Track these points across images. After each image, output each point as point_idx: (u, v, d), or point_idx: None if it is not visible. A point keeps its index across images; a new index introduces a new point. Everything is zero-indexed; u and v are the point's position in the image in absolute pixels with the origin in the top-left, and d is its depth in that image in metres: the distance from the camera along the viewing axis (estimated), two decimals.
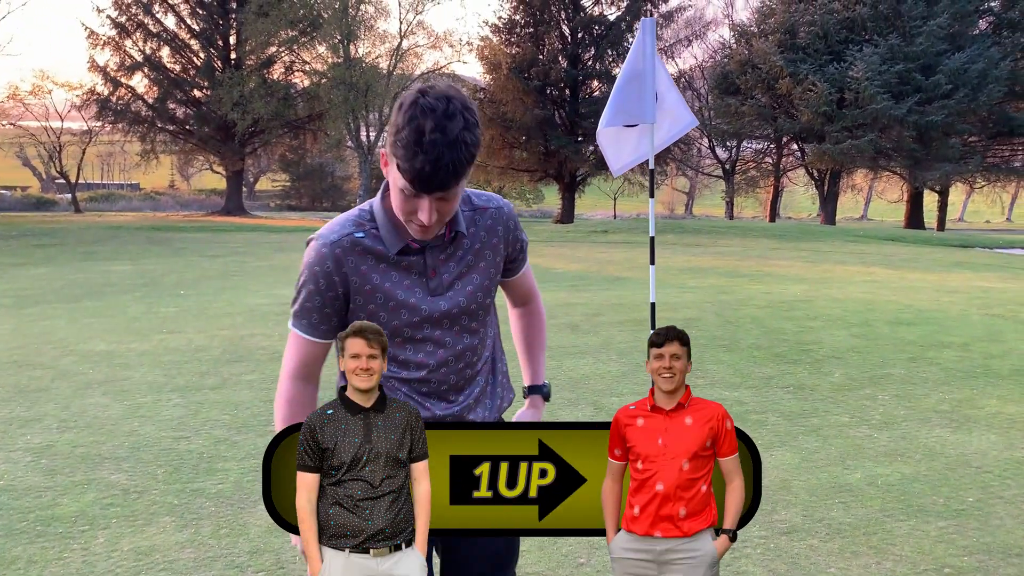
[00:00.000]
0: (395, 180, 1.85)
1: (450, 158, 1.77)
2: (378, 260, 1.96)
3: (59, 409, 5.65)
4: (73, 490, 4.31)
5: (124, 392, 6.04)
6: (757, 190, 46.51)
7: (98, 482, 4.41)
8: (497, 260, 2.11)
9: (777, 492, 4.29)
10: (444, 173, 1.78)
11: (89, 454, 4.82)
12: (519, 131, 34.84)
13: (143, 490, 4.33)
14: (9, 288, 11.82)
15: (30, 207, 47.83)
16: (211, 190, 58.09)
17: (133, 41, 35.99)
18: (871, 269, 14.40)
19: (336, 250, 1.94)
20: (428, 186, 1.78)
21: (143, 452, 4.86)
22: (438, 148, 1.76)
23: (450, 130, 1.77)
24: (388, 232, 1.96)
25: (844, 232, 26.10)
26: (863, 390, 6.14)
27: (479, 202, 2.10)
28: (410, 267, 1.98)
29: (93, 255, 16.80)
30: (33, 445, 4.96)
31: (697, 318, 8.59)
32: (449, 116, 1.78)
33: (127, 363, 6.89)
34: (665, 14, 37.08)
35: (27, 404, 5.77)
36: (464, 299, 2.03)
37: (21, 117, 44.26)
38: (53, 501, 4.18)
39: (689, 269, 14.26)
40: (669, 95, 3.42)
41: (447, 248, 2.01)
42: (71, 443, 5.00)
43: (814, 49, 33.31)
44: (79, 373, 6.57)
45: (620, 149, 3.60)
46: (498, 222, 2.10)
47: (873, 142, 31.78)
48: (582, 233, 23.93)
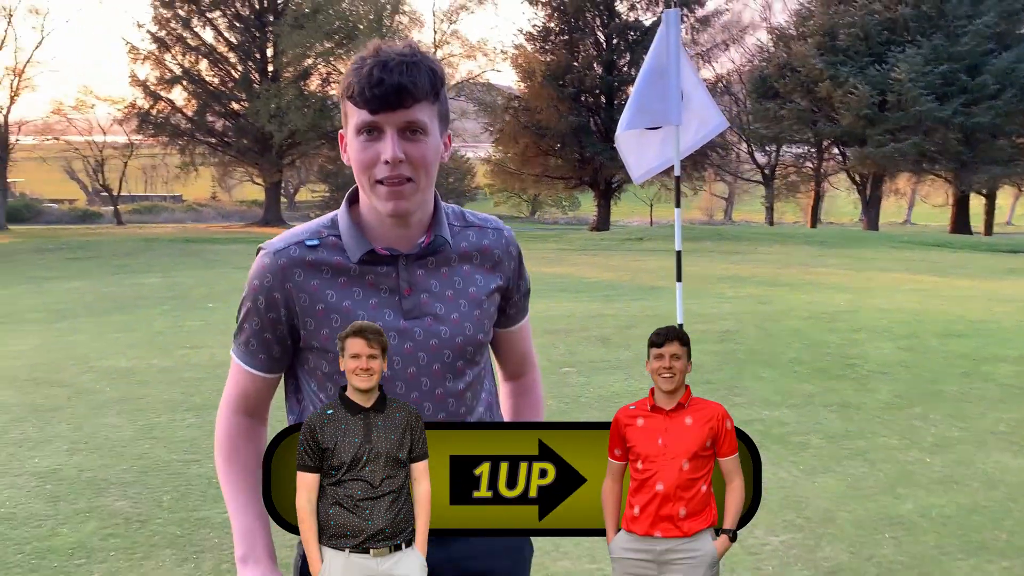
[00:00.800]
0: (351, 132, 1.57)
1: (408, 66, 1.52)
2: (336, 273, 1.61)
3: (71, 430, 5.50)
4: (74, 519, 4.13)
5: (139, 411, 5.88)
6: (797, 195, 45.67)
7: (101, 510, 4.23)
8: (492, 289, 1.72)
9: (821, 524, 3.96)
10: (401, 78, 1.50)
11: (95, 479, 4.65)
12: (554, 138, 34.59)
13: (146, 519, 4.13)
14: (41, 302, 11.83)
15: (76, 220, 48.68)
16: (252, 201, 58.62)
17: (172, 55, 36.42)
18: (918, 276, 13.87)
19: (280, 261, 1.59)
20: (384, 95, 1.50)
21: (151, 477, 4.67)
22: (391, 56, 1.52)
23: (405, 51, 1.55)
24: (351, 236, 1.61)
25: (888, 238, 25.40)
26: (913, 409, 5.76)
27: (473, 219, 1.77)
28: (378, 281, 1.61)
29: (126, 268, 16.85)
30: (40, 469, 4.80)
31: (735, 330, 8.23)
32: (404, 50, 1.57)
33: (146, 380, 6.74)
34: (701, 18, 36.62)
35: (40, 424, 5.63)
36: (449, 329, 1.64)
37: (65, 132, 45.07)
38: (52, 531, 4.00)
39: (727, 278, 13.85)
40: (696, 94, 3.11)
41: (427, 259, 1.65)
42: (78, 467, 4.83)
43: (855, 51, 32.58)
44: (96, 391, 6.43)
45: (643, 154, 3.29)
46: (496, 245, 1.75)
47: (917, 145, 30.96)
48: (616, 241, 23.57)
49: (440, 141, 1.62)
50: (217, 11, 36.60)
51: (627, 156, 3.32)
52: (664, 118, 3.07)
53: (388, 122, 1.52)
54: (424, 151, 1.55)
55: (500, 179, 41.18)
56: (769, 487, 4.42)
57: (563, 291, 12.27)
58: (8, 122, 36.28)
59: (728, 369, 6.78)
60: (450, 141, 1.69)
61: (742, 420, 5.50)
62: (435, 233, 1.64)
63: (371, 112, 1.51)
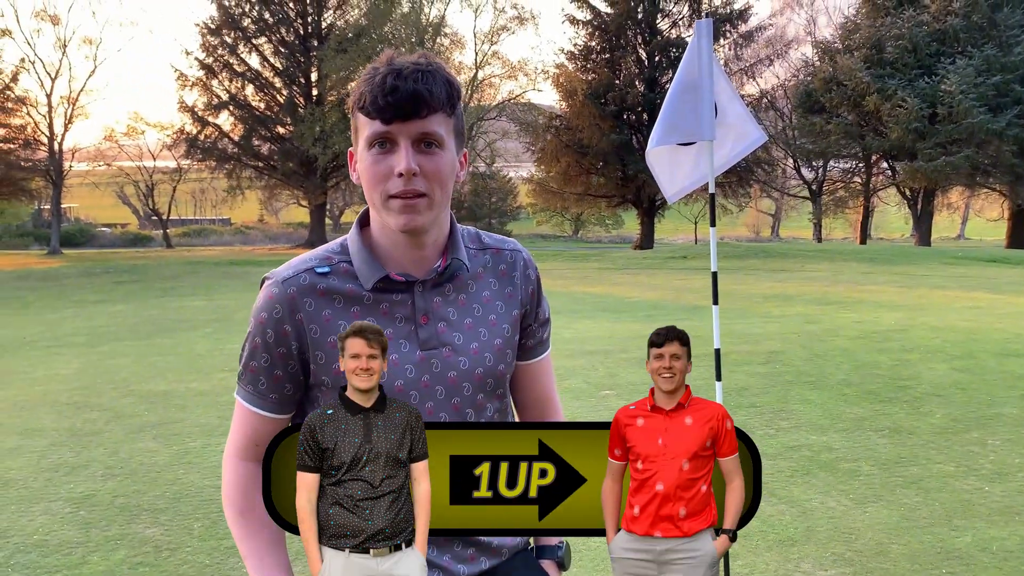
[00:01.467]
0: (361, 145, 1.48)
1: (423, 74, 1.44)
2: (348, 302, 1.50)
3: (107, 455, 5.49)
4: (105, 546, 4.09)
5: (175, 436, 5.86)
6: (846, 211, 44.85)
7: (131, 537, 4.18)
8: (514, 315, 1.61)
9: (872, 558, 3.75)
10: (416, 86, 1.41)
11: (128, 505, 4.61)
12: (596, 157, 34.49)
13: (176, 547, 4.08)
14: (85, 326, 11.99)
15: (128, 243, 49.79)
16: (298, 223, 59.39)
17: (219, 81, 37.10)
18: (973, 294, 13.42)
19: (289, 290, 1.49)
20: (398, 103, 1.41)
21: (183, 503, 4.62)
22: (406, 65, 1.45)
23: (420, 61, 1.47)
24: (363, 261, 1.51)
25: (941, 253, 24.74)
26: (969, 434, 5.49)
27: (490, 241, 1.66)
28: (392, 310, 1.51)
29: (171, 291, 17.07)
30: (75, 495, 4.79)
31: (781, 351, 7.99)
32: (419, 60, 1.49)
33: (184, 404, 6.74)
34: (745, 34, 36.34)
35: (77, 449, 5.63)
36: (468, 359, 1.55)
37: (117, 157, 46.15)
38: (82, 559, 3.96)
39: (774, 296, 13.56)
40: (731, 107, 2.97)
41: (443, 285, 1.55)
42: (113, 492, 4.80)
43: (903, 64, 31.96)
44: (134, 415, 6.44)
45: (675, 172, 3.15)
46: (514, 268, 1.64)
47: (969, 158, 30.19)
48: (660, 259, 23.30)
49: (456, 158, 1.52)
50: (263, 37, 37.26)
51: (659, 174, 3.18)
52: (697, 134, 2.94)
53: (402, 133, 1.43)
54: (439, 165, 1.46)
55: (542, 198, 41.15)
56: (817, 517, 4.23)
57: (604, 311, 12.11)
58: (63, 149, 37.22)
59: (774, 392, 6.56)
60: (466, 160, 1.58)
61: (788, 445, 5.31)
62: (452, 256, 1.54)
63: (384, 122, 1.43)
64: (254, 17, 36.31)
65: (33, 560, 3.95)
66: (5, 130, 35.97)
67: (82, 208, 67.94)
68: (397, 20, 37.76)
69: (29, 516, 4.48)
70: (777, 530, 4.08)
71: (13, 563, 3.92)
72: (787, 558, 3.78)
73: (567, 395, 6.61)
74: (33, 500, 4.71)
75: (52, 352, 9.74)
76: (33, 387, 7.61)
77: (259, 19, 36.31)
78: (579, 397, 6.56)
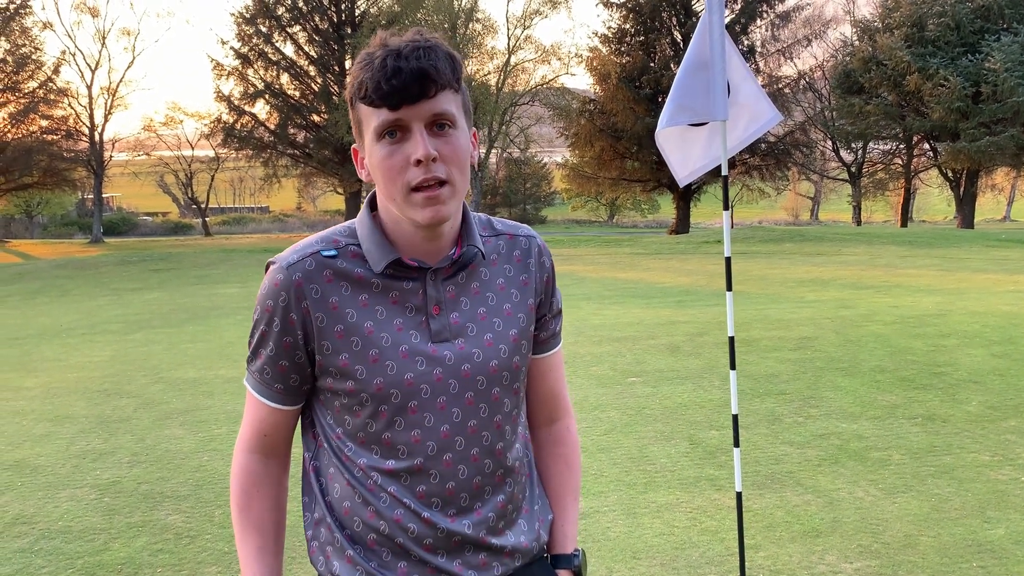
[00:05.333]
0: (369, 139, 1.36)
1: (424, 50, 1.31)
2: (357, 287, 1.40)
3: (134, 441, 5.54)
4: (127, 533, 4.12)
5: (201, 423, 5.90)
6: (886, 193, 44.03)
7: (153, 524, 4.21)
8: (528, 304, 1.51)
9: (901, 551, 3.64)
10: (420, 63, 1.29)
11: (152, 492, 4.65)
12: (630, 141, 34.10)
13: (196, 534, 4.09)
14: (120, 314, 12.16)
15: (168, 232, 50.63)
16: (335, 211, 59.88)
17: (255, 70, 37.37)
18: (1015, 277, 13.06)
19: (295, 275, 1.39)
20: (404, 85, 1.29)
21: (205, 490, 4.65)
22: (403, 44, 1.31)
23: (417, 38, 1.33)
24: (374, 244, 1.41)
25: (984, 236, 24.16)
26: (1007, 422, 5.32)
27: (502, 227, 1.56)
28: (403, 299, 1.41)
29: (205, 279, 17.26)
30: (101, 481, 4.84)
31: (814, 336, 7.84)
32: (415, 37, 1.35)
33: (211, 391, 6.79)
34: (782, 14, 35.61)
35: (105, 435, 5.70)
36: (482, 351, 1.45)
37: (156, 147, 46.83)
38: (104, 546, 3.99)
39: (809, 281, 13.34)
40: (745, 86, 2.85)
41: (457, 274, 1.45)
42: (137, 479, 4.85)
43: (945, 41, 31.17)
44: (162, 402, 6.50)
45: (687, 153, 3.04)
46: (528, 254, 1.53)
47: (1015, 138, 29.38)
48: (693, 244, 23.05)
49: (469, 137, 1.41)
50: (297, 26, 37.44)
51: (670, 156, 3.07)
52: (709, 114, 2.84)
53: (413, 117, 1.31)
54: (457, 146, 1.35)
55: (577, 183, 40.86)
56: (844, 508, 4.12)
57: (634, 297, 12.00)
58: (103, 139, 37.81)
59: (804, 378, 6.43)
60: (476, 139, 1.47)
61: (817, 434, 5.19)
62: (466, 243, 1.44)
63: (391, 108, 1.31)
64: (288, 5, 36.47)
65: (56, 546, 3.99)
66: (48, 121, 36.69)
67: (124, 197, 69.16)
68: (430, 6, 37.71)
69: (55, 502, 4.53)
70: (802, 521, 3.99)
71: (37, 549, 3.97)
72: (811, 550, 3.69)
73: (593, 382, 6.54)
74: (60, 486, 4.77)
75: (87, 339, 9.89)
76: (67, 374, 7.73)
77: (293, 7, 36.46)
78: (605, 384, 6.49)
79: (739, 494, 3.43)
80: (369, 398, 1.39)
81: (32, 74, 35.78)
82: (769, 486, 4.44)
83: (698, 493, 4.37)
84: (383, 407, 1.39)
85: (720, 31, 2.74)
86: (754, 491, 4.36)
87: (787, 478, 4.54)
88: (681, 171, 3.10)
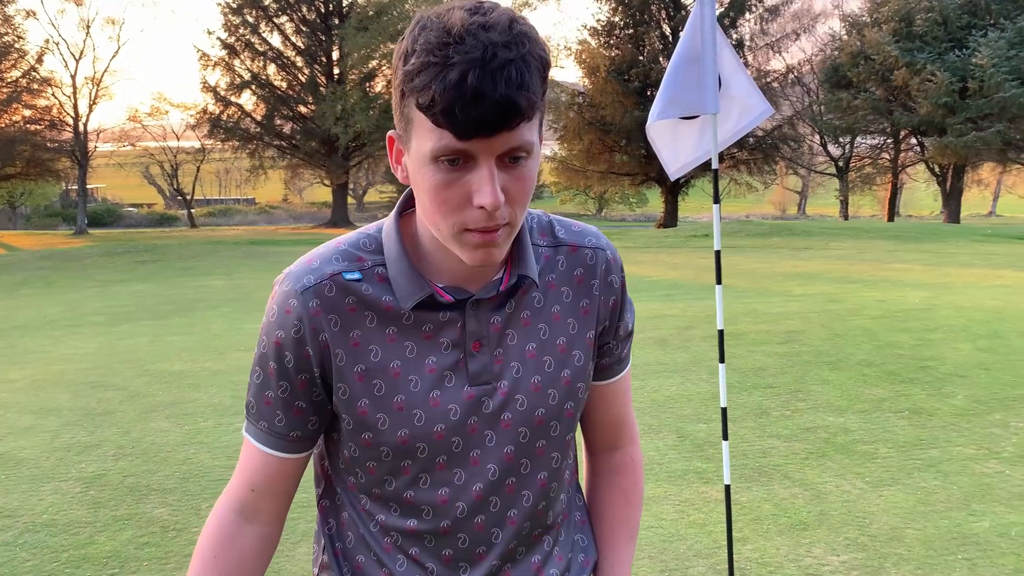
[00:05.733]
0: (420, 153, 1.03)
1: (515, 65, 0.97)
2: (382, 320, 1.15)
3: (120, 434, 5.51)
4: (113, 526, 4.10)
5: (187, 416, 5.87)
6: (874, 188, 44.24)
7: (139, 517, 4.18)
8: (588, 337, 1.24)
9: (886, 544, 3.66)
10: (509, 91, 0.96)
11: (138, 485, 4.62)
12: (619, 134, 34.15)
13: (182, 527, 4.07)
14: (105, 305, 12.08)
15: (154, 223, 50.33)
16: (322, 203, 59.67)
17: (241, 60, 37.19)
18: (1001, 272, 13.15)
19: (312, 303, 1.12)
20: (483, 118, 0.96)
21: (191, 483, 4.62)
22: (489, 48, 0.96)
23: (496, 22, 0.98)
24: (401, 273, 1.14)
25: (970, 231, 24.31)
26: (992, 415, 5.36)
27: (564, 235, 1.25)
28: (438, 333, 1.16)
29: (191, 270, 17.17)
30: (86, 474, 4.80)
31: (801, 330, 7.86)
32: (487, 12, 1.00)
33: (197, 384, 6.75)
34: (771, 8, 35.69)
35: (91, 428, 5.66)
36: (527, 398, 1.20)
37: (141, 138, 46.50)
38: (89, 539, 3.96)
39: (797, 275, 13.37)
40: (736, 79, 2.85)
41: (503, 304, 1.18)
42: (123, 472, 4.81)
43: (932, 37, 31.33)
44: (148, 395, 6.46)
45: (678, 147, 3.04)
46: (593, 272, 1.24)
47: (1001, 133, 29.59)
48: (682, 238, 23.09)
49: (540, 157, 1.11)
50: (284, 16, 37.26)
51: (661, 149, 3.06)
52: (700, 107, 2.83)
53: (485, 151, 1.00)
54: (526, 182, 1.06)
55: (565, 177, 40.86)
56: (831, 501, 4.14)
57: None
58: (87, 130, 37.51)
59: (792, 372, 6.45)
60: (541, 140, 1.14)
61: (804, 427, 5.21)
62: (517, 273, 1.17)
63: (460, 137, 0.99)
64: None
65: (41, 540, 3.96)
66: (31, 111, 36.36)
67: (109, 188, 68.69)
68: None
69: (39, 495, 4.50)
70: (789, 514, 4.00)
71: (21, 543, 3.94)
72: (798, 543, 3.70)
73: None
74: (44, 479, 4.73)
75: (72, 331, 9.82)
76: (51, 366, 7.67)
77: None
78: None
79: (727, 487, 3.43)
80: (390, 452, 1.16)
81: (15, 63, 35.44)
82: (757, 479, 4.45)
83: (686, 486, 4.38)
84: (406, 462, 1.16)
85: (711, 24, 2.74)
86: (742, 484, 4.37)
87: (775, 471, 4.55)
88: (672, 165, 3.09)
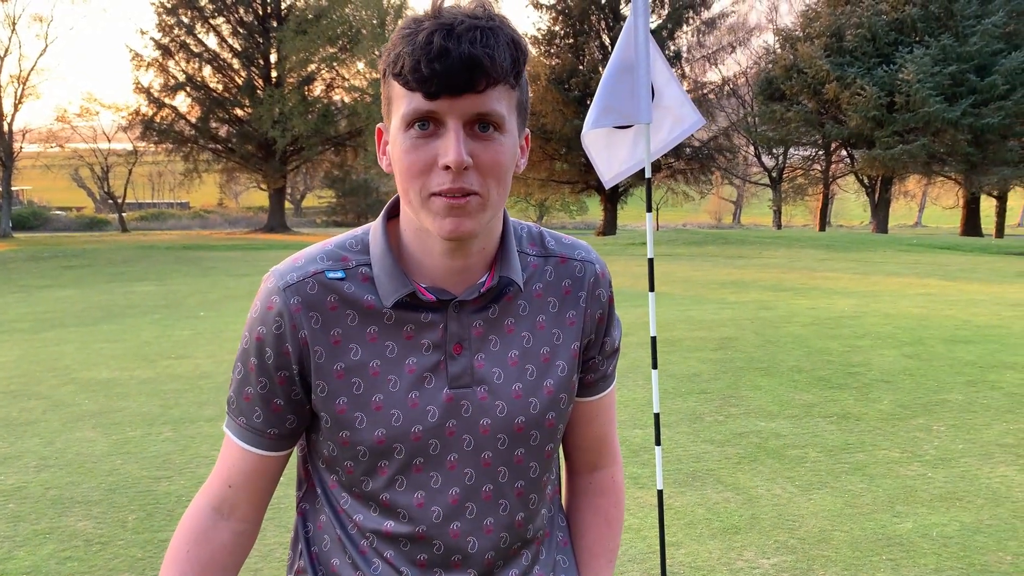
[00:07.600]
0: (396, 124, 1.09)
1: (483, 32, 1.04)
2: (364, 319, 1.16)
3: (42, 445, 5.32)
4: (33, 540, 3.95)
5: (114, 425, 5.70)
6: (806, 198, 45.40)
7: (61, 531, 4.04)
8: (572, 348, 1.24)
9: (815, 546, 3.74)
10: (473, 49, 1.02)
11: (61, 497, 4.46)
12: (559, 142, 34.42)
13: (107, 540, 3.94)
14: (30, 312, 11.67)
15: (83, 227, 48.80)
16: (259, 207, 58.69)
17: (176, 62, 36.42)
18: (925, 281, 13.61)
19: (293, 300, 1.14)
20: (448, 72, 1.02)
21: (118, 495, 4.49)
22: (459, 18, 1.04)
23: (478, 12, 1.07)
24: (385, 271, 1.15)
25: (897, 240, 25.11)
26: (916, 420, 5.53)
27: (554, 247, 1.26)
28: (419, 334, 1.17)
29: (121, 276, 16.70)
30: (6, 487, 4.62)
31: (735, 337, 8.01)
32: (476, 11, 1.08)
33: (126, 392, 6.56)
34: (708, 21, 36.43)
35: (11, 439, 5.45)
36: (507, 404, 1.19)
37: (70, 139, 45.15)
38: (8, 554, 3.81)
39: (731, 283, 13.63)
40: (668, 90, 2.89)
41: (487, 307, 1.19)
42: (45, 484, 4.65)
43: (862, 52, 32.33)
44: (73, 404, 6.26)
45: (612, 155, 3.07)
46: (581, 285, 1.25)
47: (926, 147, 30.67)
48: (620, 245, 23.35)
49: (518, 141, 1.16)
50: (220, 17, 36.62)
51: (595, 157, 3.09)
52: (634, 116, 2.87)
53: (452, 111, 1.05)
54: (498, 154, 1.08)
55: None
56: (762, 505, 4.21)
57: None
58: (12, 130, 36.27)
59: (725, 378, 6.57)
60: (528, 143, 1.22)
61: (737, 432, 5.30)
62: (499, 274, 1.18)
63: (428, 96, 1.04)
64: None
65: None
66: None
67: (35, 191, 66.48)
68: (358, 2, 37.28)
69: None
70: (722, 518, 4.07)
71: None
72: (730, 546, 3.76)
73: None
74: None
75: None
76: None
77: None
78: None
79: (660, 492, 3.47)
80: (367, 452, 1.16)
81: None
82: (690, 484, 4.51)
83: None
84: (383, 463, 1.16)
85: (644, 35, 2.77)
86: (675, 489, 4.42)
87: (707, 476, 4.62)
88: (607, 173, 3.12)
